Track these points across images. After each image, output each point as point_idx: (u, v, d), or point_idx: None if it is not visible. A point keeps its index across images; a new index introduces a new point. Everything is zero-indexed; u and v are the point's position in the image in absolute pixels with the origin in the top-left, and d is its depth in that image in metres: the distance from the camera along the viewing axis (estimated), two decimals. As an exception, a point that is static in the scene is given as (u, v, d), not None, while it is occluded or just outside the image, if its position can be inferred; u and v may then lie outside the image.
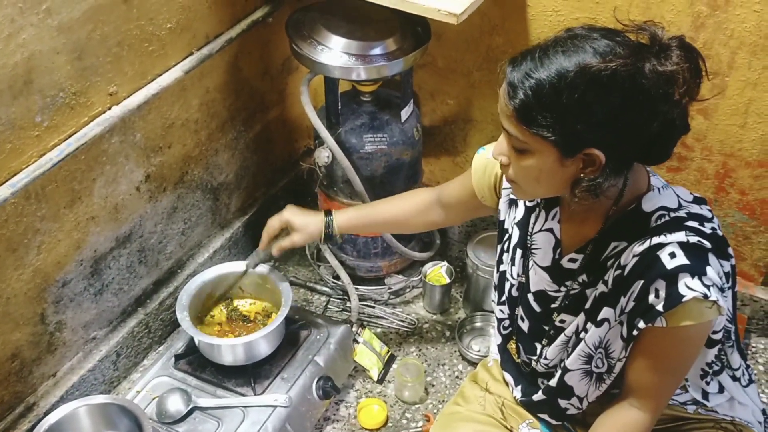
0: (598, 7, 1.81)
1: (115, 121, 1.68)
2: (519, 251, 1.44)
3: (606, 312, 1.27)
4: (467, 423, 1.53)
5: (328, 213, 1.71)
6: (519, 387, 1.53)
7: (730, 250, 1.27)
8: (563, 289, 1.36)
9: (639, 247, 1.21)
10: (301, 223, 1.72)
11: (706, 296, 1.16)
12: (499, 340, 1.57)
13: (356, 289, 2.19)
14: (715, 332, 1.30)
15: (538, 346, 1.45)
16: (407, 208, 1.69)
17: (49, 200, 1.65)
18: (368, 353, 2.01)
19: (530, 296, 1.43)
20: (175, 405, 1.72)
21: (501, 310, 1.53)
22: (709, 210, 1.28)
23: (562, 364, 1.39)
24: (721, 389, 1.40)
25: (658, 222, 1.23)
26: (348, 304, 2.18)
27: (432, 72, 2.13)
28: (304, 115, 1.95)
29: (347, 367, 1.97)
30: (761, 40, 1.69)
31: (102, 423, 1.68)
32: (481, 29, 1.99)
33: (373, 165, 2.01)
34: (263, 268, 1.91)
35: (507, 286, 1.48)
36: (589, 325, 1.31)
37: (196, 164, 2.05)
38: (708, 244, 1.20)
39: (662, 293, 1.18)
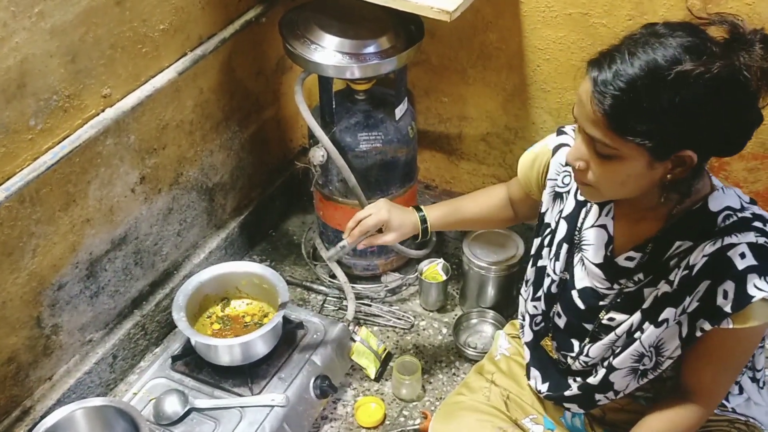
0: (591, 2, 1.81)
1: (109, 123, 1.68)
2: (565, 246, 1.40)
3: (668, 312, 1.25)
4: (471, 412, 1.53)
5: (418, 209, 1.65)
6: (547, 383, 1.49)
7: None
8: (616, 286, 1.33)
9: (710, 247, 1.19)
10: (398, 223, 1.61)
11: None
12: (529, 336, 1.53)
13: (353, 287, 2.19)
14: None
15: (575, 343, 1.42)
16: (489, 205, 1.66)
17: (44, 203, 1.65)
18: (365, 351, 2.01)
19: (574, 293, 1.39)
20: (173, 406, 1.72)
21: (535, 306, 1.49)
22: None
23: (605, 363, 1.36)
24: (741, 390, 1.40)
25: (726, 222, 1.21)
26: (344, 302, 2.18)
27: (426, 69, 2.13)
28: (299, 114, 1.94)
29: (344, 366, 1.98)
30: (754, 34, 1.70)
31: (99, 426, 1.67)
32: (475, 26, 1.99)
33: (368, 163, 2.01)
34: (259, 268, 1.91)
35: (547, 282, 1.44)
36: (646, 325, 1.28)
37: (191, 165, 2.05)
38: None
39: (731, 294, 1.17)
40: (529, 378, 1.54)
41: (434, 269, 2.18)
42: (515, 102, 2.07)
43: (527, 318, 1.52)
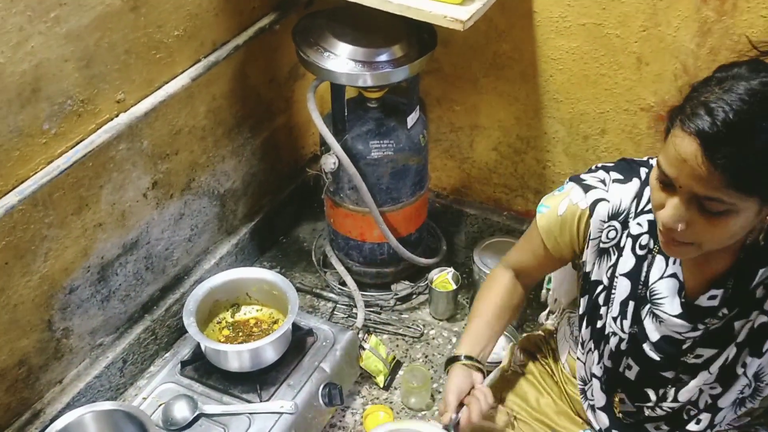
0: (604, 12, 1.80)
1: (123, 128, 1.69)
2: (631, 303, 1.31)
3: None
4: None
5: (454, 359, 1.46)
6: None
7: None
8: (701, 326, 1.26)
9: None
10: (464, 384, 1.43)
11: None
12: (602, 400, 1.41)
13: (362, 295, 2.19)
14: None
15: (651, 393, 1.35)
16: (506, 302, 1.51)
17: (57, 207, 1.66)
18: (374, 360, 2.01)
19: (646, 346, 1.32)
20: (182, 412, 1.72)
21: (600, 366, 1.40)
22: None
23: (704, 404, 1.30)
24: None
25: None
26: (354, 310, 2.18)
27: (438, 78, 2.14)
28: (311, 121, 1.95)
29: (353, 374, 1.97)
30: (768, 46, 1.69)
31: (108, 430, 1.67)
32: (488, 36, 1.99)
33: (379, 171, 2.01)
34: (270, 275, 1.91)
35: (613, 341, 1.36)
36: (749, 359, 1.23)
37: (202, 171, 2.05)
38: None
39: None
40: None
41: (444, 278, 2.18)
42: (528, 112, 2.07)
43: (596, 382, 1.42)
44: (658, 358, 1.31)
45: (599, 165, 1.37)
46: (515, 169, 2.20)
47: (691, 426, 1.32)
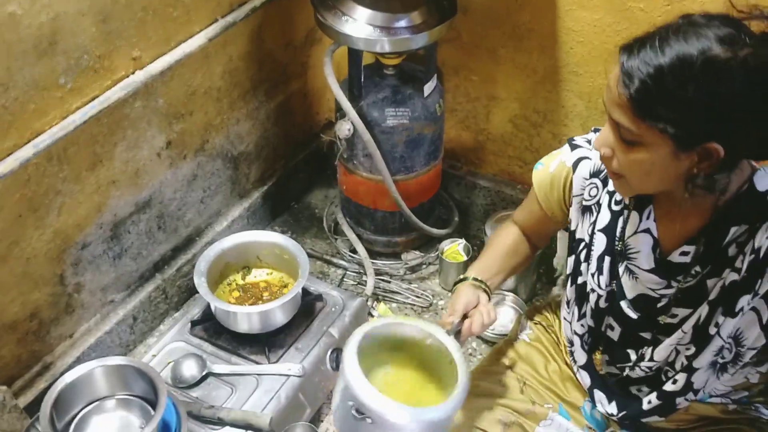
0: (628, -15, 1.78)
1: (138, 85, 1.69)
2: (607, 259, 1.35)
3: (743, 300, 1.21)
4: (484, 399, 1.50)
5: (462, 280, 1.50)
6: (614, 403, 1.44)
7: None
8: (674, 284, 1.28)
9: None
10: (472, 298, 1.45)
11: None
12: (583, 359, 1.46)
13: (373, 263, 2.19)
14: None
15: (632, 353, 1.37)
16: (515, 247, 1.56)
17: (71, 162, 1.66)
18: (382, 327, 2.01)
19: (624, 303, 1.35)
20: (190, 370, 1.74)
21: (582, 325, 1.43)
22: None
23: (681, 365, 1.31)
24: None
25: None
26: (364, 278, 2.19)
27: (457, 47, 2.11)
28: (326, 87, 1.94)
29: (361, 340, 1.98)
30: (794, 24, 1.66)
31: (117, 384, 1.68)
32: (508, 5, 1.96)
33: (394, 139, 2.00)
34: (281, 239, 1.92)
35: (592, 297, 1.39)
36: (721, 318, 1.24)
37: (217, 132, 2.05)
38: None
39: None
40: (594, 403, 1.47)
41: (455, 249, 2.18)
42: (545, 84, 2.04)
43: (577, 340, 1.46)
44: (635, 317, 1.34)
45: (595, 127, 1.41)
46: (531, 143, 2.18)
47: (668, 386, 1.34)
